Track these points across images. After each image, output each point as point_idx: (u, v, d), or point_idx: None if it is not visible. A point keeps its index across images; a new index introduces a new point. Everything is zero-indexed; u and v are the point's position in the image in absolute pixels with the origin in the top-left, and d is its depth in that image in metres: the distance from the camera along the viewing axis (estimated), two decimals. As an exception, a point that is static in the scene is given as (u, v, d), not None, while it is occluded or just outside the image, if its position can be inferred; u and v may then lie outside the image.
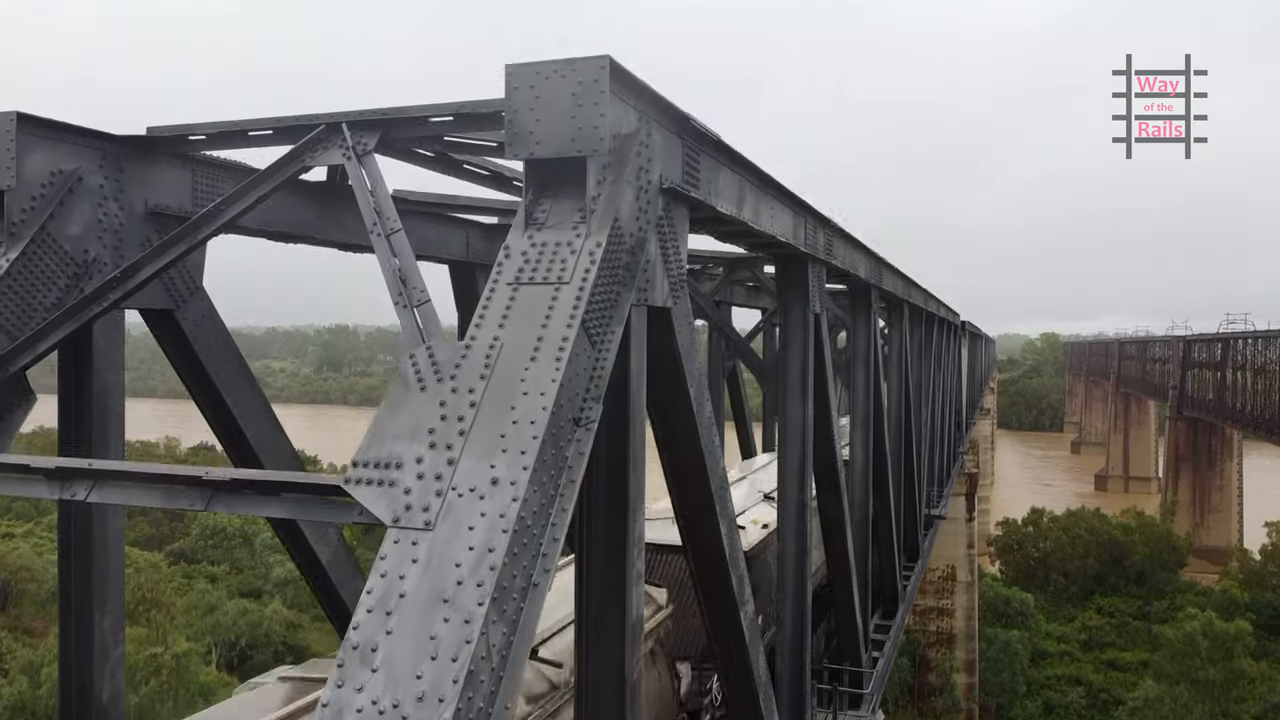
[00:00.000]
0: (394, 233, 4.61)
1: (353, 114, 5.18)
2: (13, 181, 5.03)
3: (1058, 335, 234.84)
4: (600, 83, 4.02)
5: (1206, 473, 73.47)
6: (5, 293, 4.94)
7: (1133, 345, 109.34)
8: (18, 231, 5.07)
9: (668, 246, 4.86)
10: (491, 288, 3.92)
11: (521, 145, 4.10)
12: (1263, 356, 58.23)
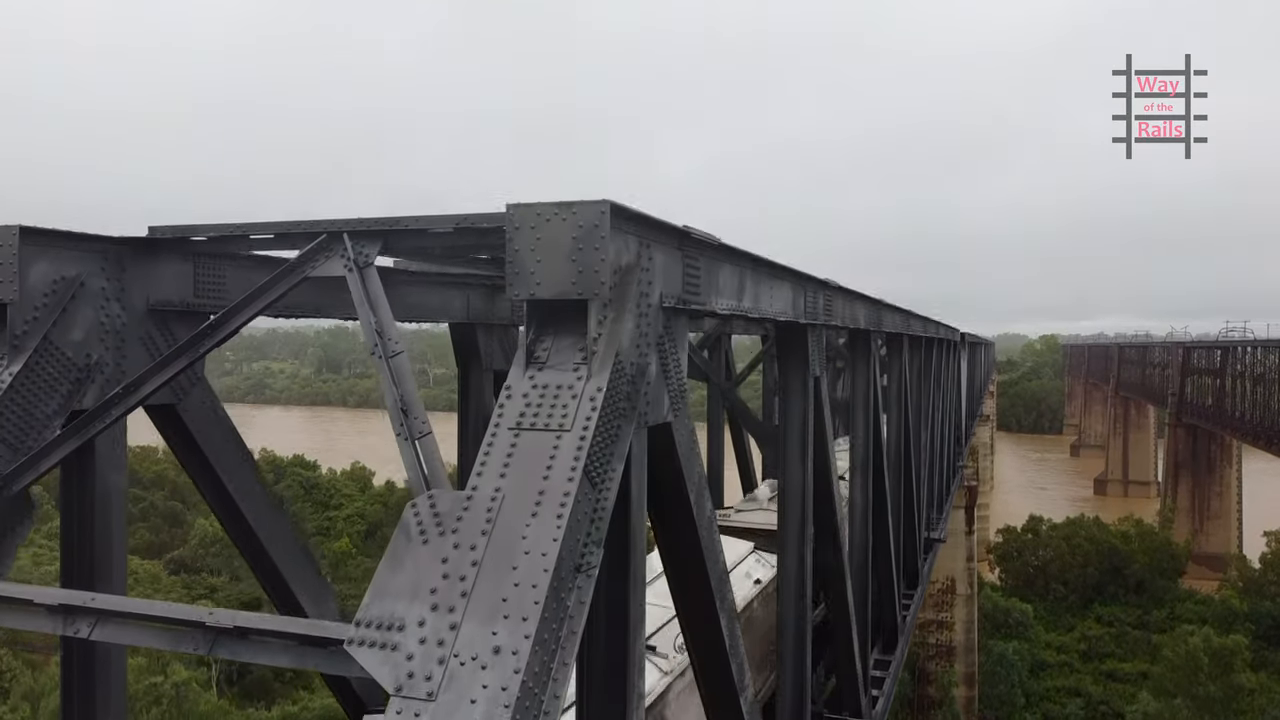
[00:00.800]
0: (395, 355, 4.62)
1: (354, 222, 5.19)
2: (16, 295, 5.04)
3: (1057, 337, 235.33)
4: (600, 227, 4.04)
5: (1206, 479, 73.52)
6: (9, 406, 4.96)
7: (1132, 349, 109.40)
8: (20, 343, 5.09)
9: (668, 362, 4.88)
10: (493, 432, 3.94)
11: (522, 286, 4.12)
12: (1262, 365, 58.26)
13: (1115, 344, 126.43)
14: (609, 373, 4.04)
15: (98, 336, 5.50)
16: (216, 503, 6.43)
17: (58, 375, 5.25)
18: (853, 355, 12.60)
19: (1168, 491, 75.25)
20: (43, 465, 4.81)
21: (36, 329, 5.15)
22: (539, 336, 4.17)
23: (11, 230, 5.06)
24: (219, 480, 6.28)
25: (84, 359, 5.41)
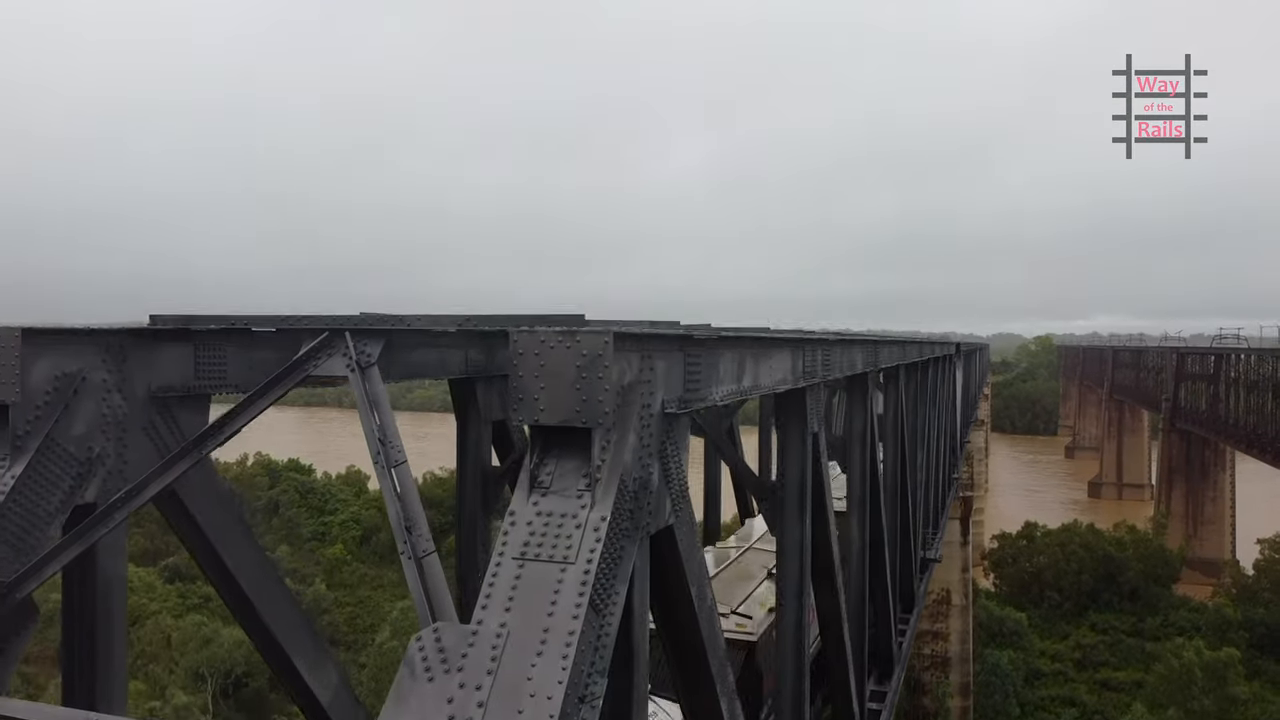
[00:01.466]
0: (399, 465, 4.64)
1: (356, 319, 5.21)
2: (18, 396, 5.05)
3: (1051, 338, 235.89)
4: (604, 356, 4.05)
5: (1200, 484, 73.72)
6: (11, 508, 4.96)
7: (1127, 352, 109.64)
8: (23, 443, 5.09)
9: (670, 466, 4.90)
10: (498, 561, 3.95)
11: (527, 411, 4.14)
12: (1255, 372, 58.42)
13: (1110, 346, 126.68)
14: (613, 498, 4.06)
15: (99, 429, 5.50)
16: (215, 576, 6.43)
17: (60, 472, 5.25)
18: (849, 397, 12.62)
19: (1161, 497, 75.49)
20: (46, 571, 4.81)
21: (39, 428, 5.16)
22: (543, 460, 4.19)
23: (14, 332, 5.06)
24: (217, 555, 6.28)
25: (86, 453, 5.42)
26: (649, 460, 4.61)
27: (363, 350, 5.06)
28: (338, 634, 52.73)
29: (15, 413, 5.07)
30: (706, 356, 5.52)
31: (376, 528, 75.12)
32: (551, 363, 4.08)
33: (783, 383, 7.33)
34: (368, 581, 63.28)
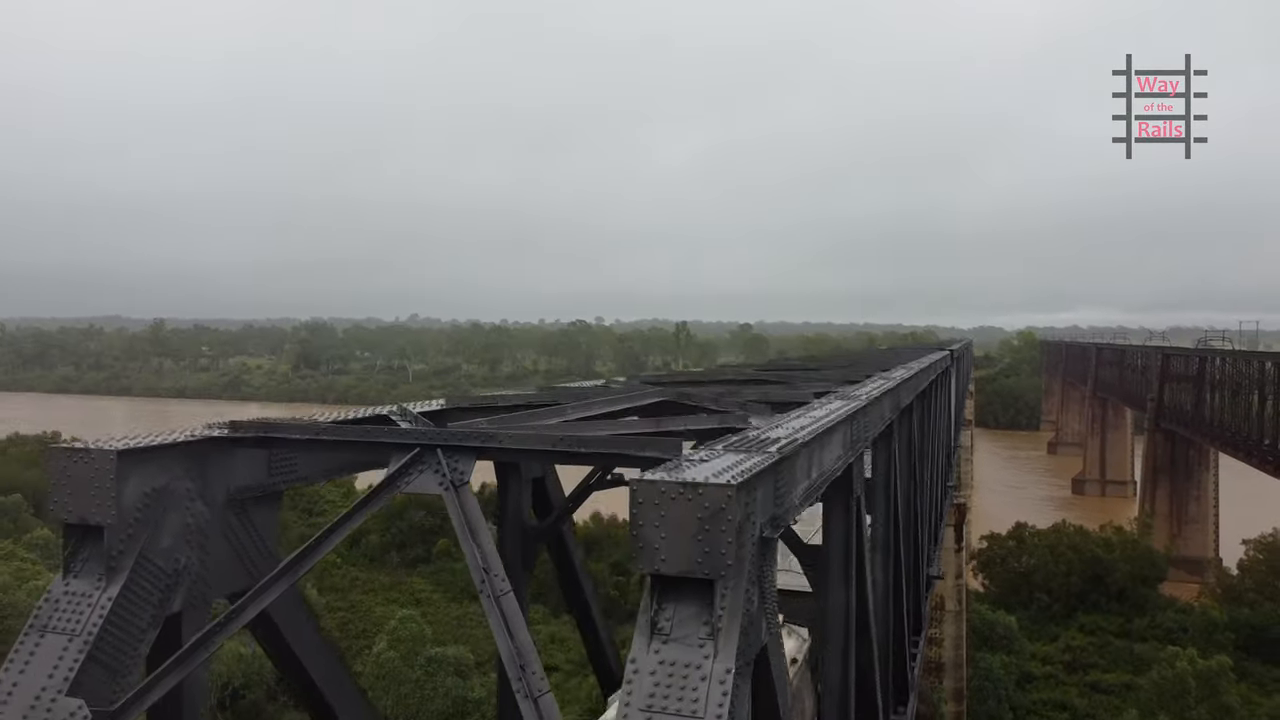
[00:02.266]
0: (503, 595, 4.67)
1: (446, 434, 5.23)
2: (113, 518, 5.06)
3: (1034, 334, 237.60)
4: (727, 510, 4.10)
5: (1184, 484, 74.50)
6: (109, 631, 4.96)
7: (1110, 350, 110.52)
8: (117, 564, 5.09)
9: (765, 587, 4.95)
10: (624, 714, 4.00)
11: (647, 561, 4.18)
12: (1241, 375, 59.07)
13: (1093, 344, 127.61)
14: (735, 645, 4.12)
15: (184, 539, 5.51)
16: (300, 686, 6.44)
17: (151, 587, 5.26)
18: (874, 447, 12.72)
19: (1146, 496, 76.21)
20: (148, 699, 4.83)
21: (131, 546, 5.16)
22: (661, 606, 4.23)
23: (109, 454, 5.07)
24: (304, 670, 6.31)
25: (173, 564, 5.43)
26: (751, 589, 4.67)
27: (455, 468, 5.09)
28: (329, 640, 52.68)
29: (110, 534, 5.07)
30: (787, 471, 5.57)
31: (365, 530, 75.00)
32: (673, 514, 4.12)
33: (840, 460, 7.41)
34: (359, 585, 63.17)
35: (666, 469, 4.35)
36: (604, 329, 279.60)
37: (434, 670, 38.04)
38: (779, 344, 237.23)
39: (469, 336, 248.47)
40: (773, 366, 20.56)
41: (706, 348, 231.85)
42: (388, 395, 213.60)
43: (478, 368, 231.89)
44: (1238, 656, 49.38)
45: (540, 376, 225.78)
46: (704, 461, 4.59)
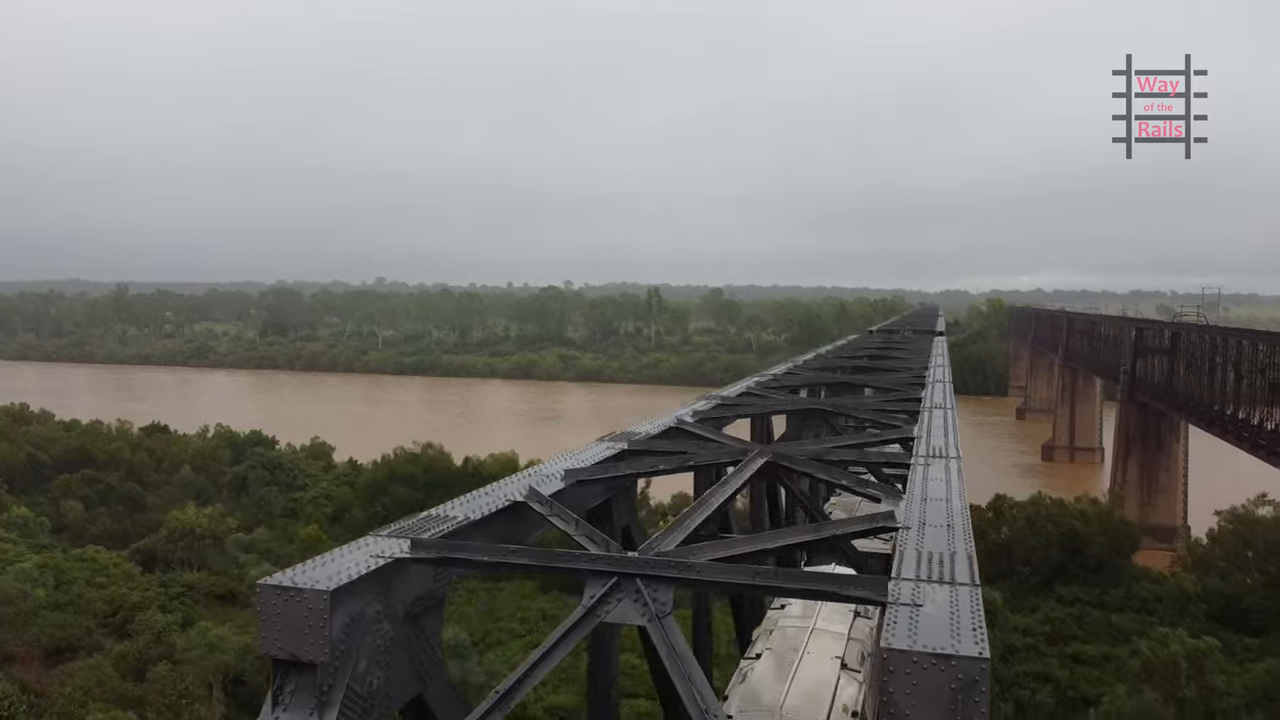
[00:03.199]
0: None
1: (643, 563, 5.35)
2: (326, 655, 5.13)
3: (1002, 300, 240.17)
4: (980, 681, 4.27)
5: (1154, 454, 76.19)
6: (327, 766, 5.06)
7: (1081, 320, 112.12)
8: (328, 698, 5.17)
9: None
10: None
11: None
12: (1211, 350, 60.32)
13: (1064, 313, 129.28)
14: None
15: (375, 660, 5.61)
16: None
17: (353, 713, 5.36)
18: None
19: (1118, 466, 77.84)
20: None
21: (340, 679, 5.25)
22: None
23: (323, 595, 5.13)
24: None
25: (368, 688, 5.53)
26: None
27: (656, 598, 5.21)
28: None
29: (322, 671, 5.15)
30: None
31: (348, 504, 74.68)
32: (924, 684, 4.28)
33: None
34: (344, 561, 63.02)
35: (909, 632, 4.49)
36: (575, 294, 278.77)
37: (434, 654, 38.31)
38: (750, 309, 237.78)
39: (439, 302, 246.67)
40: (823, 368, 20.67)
41: (678, 313, 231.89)
42: (358, 361, 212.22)
43: (448, 334, 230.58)
44: (1211, 626, 51.02)
45: (512, 342, 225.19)
46: (929, 615, 4.73)
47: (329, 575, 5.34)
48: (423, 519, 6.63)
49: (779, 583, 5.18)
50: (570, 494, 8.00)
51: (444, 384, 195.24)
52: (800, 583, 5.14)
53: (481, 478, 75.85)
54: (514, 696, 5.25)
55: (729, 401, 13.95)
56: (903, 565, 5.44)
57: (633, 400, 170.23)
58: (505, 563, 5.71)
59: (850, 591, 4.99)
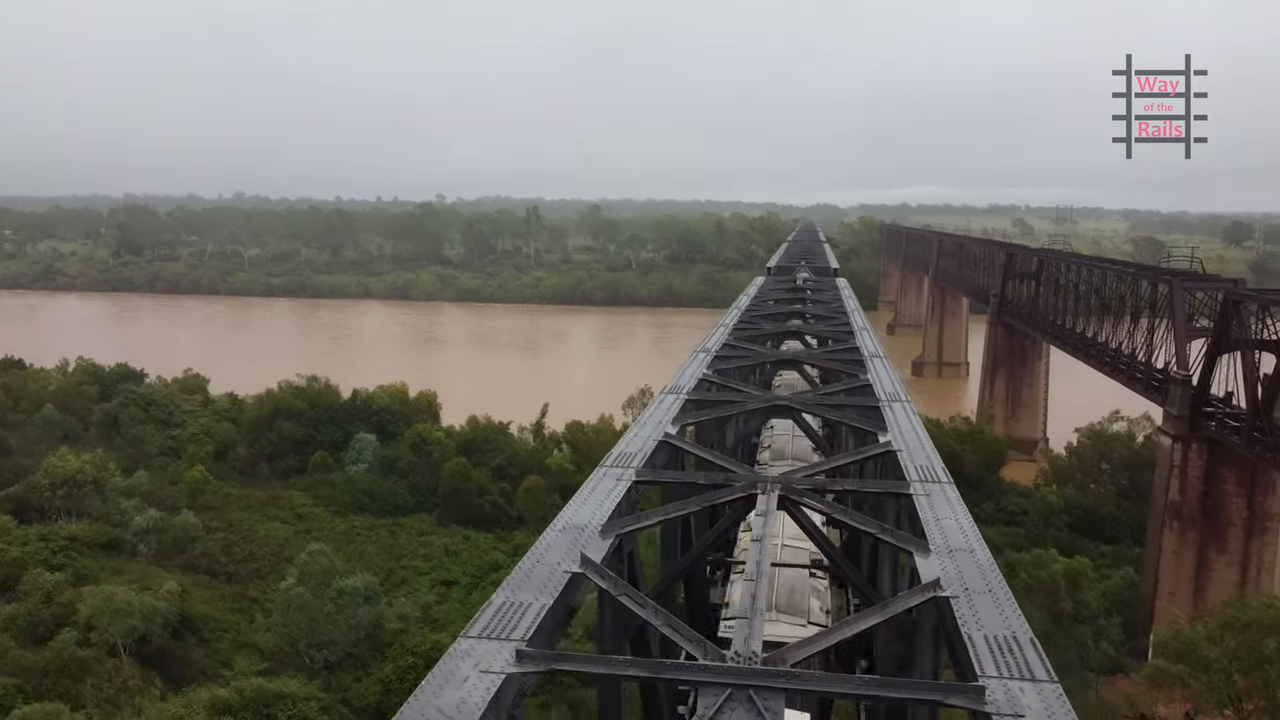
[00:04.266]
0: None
1: (752, 672, 5.72)
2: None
3: (873, 218, 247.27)
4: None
5: (1019, 372, 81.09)
6: None
7: (951, 242, 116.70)
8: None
9: None
10: None
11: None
12: (1075, 279, 64.08)
13: (935, 234, 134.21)
14: None
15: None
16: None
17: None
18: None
19: (986, 384, 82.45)
20: None
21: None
22: None
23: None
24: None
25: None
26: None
27: (768, 707, 5.62)
28: (215, 565, 51.44)
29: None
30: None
31: (231, 441, 72.28)
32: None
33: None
34: (234, 503, 61.41)
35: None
36: (450, 211, 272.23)
37: (345, 603, 38.23)
38: (629, 226, 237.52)
39: (307, 220, 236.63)
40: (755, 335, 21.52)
41: (557, 231, 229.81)
42: (223, 283, 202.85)
43: (318, 253, 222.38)
44: (1071, 535, 55.55)
45: (387, 261, 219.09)
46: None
47: (455, 707, 5.50)
48: (501, 610, 6.80)
49: (884, 691, 5.66)
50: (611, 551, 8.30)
51: (317, 306, 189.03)
52: (904, 691, 5.64)
53: (371, 410, 74.59)
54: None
55: (695, 399, 14.47)
56: (980, 657, 6.00)
57: (514, 321, 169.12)
58: (615, 674, 6.00)
59: (953, 700, 5.51)
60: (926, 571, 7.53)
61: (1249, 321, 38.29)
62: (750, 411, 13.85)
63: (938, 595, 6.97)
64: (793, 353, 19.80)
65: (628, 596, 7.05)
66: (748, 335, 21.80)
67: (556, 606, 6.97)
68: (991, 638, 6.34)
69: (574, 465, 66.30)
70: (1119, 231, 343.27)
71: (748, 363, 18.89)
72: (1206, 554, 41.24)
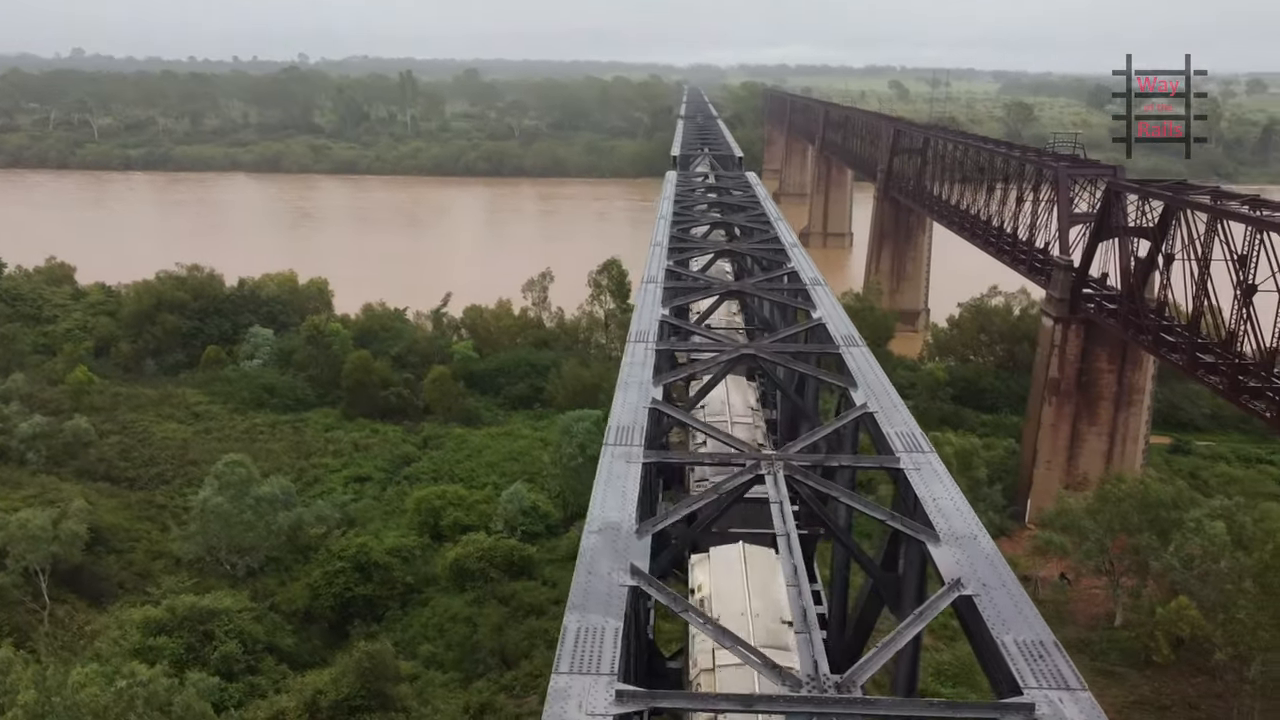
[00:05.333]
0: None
1: (833, 701, 6.46)
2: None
3: (756, 83, 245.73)
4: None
5: (904, 245, 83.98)
6: None
7: (838, 112, 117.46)
8: None
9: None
10: None
11: None
12: (961, 156, 66.06)
13: (821, 104, 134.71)
14: None
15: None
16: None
17: None
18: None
19: (873, 258, 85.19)
20: None
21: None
22: None
23: None
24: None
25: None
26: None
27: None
28: (114, 471, 49.97)
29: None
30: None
31: (112, 337, 68.87)
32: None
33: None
34: (123, 403, 59.26)
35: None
36: (318, 74, 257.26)
37: (264, 510, 38.17)
38: (509, 91, 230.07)
39: (162, 84, 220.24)
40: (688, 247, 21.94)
41: (434, 97, 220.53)
42: (72, 156, 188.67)
43: (177, 121, 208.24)
44: (956, 406, 59.24)
45: (252, 130, 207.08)
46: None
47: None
48: (580, 637, 7.32)
49: (949, 714, 6.51)
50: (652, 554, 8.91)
51: (180, 180, 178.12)
52: (968, 713, 6.52)
53: (260, 301, 72.15)
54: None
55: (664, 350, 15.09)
56: (1018, 668, 6.88)
57: (395, 195, 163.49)
58: (710, 710, 6.66)
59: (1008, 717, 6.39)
60: (943, 564, 8.37)
61: (1127, 210, 40.62)
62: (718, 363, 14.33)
63: (961, 594, 7.85)
64: (738, 285, 20.63)
65: (692, 613, 7.70)
66: (683, 255, 22.40)
67: (626, 630, 7.55)
68: (1022, 643, 7.21)
69: (477, 353, 66.41)
70: (990, 94, 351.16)
71: (698, 298, 19.54)
72: (1080, 425, 44.79)
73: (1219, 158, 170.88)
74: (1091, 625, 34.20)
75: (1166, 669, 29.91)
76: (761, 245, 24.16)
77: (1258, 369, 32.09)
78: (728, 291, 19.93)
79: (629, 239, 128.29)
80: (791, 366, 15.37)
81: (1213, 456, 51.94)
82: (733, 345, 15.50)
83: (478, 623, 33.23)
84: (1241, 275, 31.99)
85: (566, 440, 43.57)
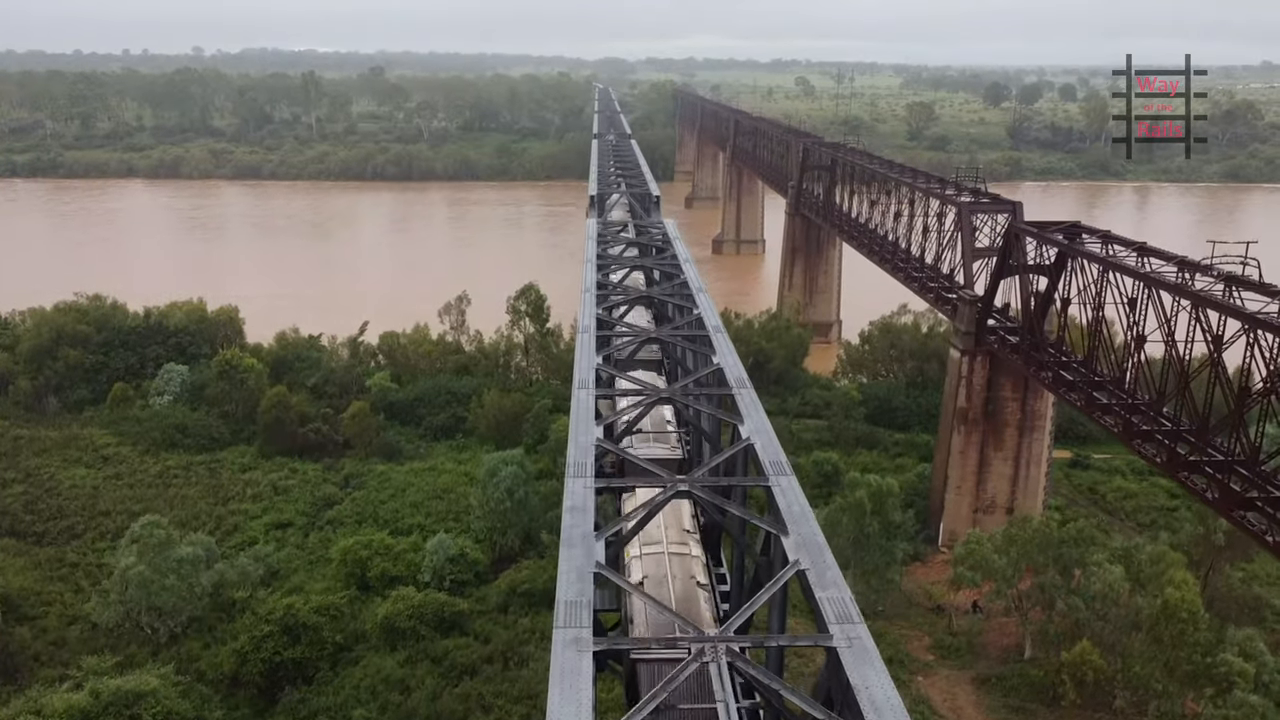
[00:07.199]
0: None
1: None
2: None
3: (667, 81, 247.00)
4: None
5: (815, 258, 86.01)
6: None
7: (748, 121, 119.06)
8: None
9: None
10: None
11: None
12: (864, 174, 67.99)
13: (731, 112, 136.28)
14: None
15: None
16: None
17: None
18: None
19: (786, 272, 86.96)
20: None
21: None
22: None
23: None
24: None
25: None
26: None
27: None
28: (19, 525, 48.15)
29: None
30: None
31: (10, 374, 65.44)
32: None
33: None
34: (26, 446, 57.05)
35: None
36: (215, 73, 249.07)
37: (185, 572, 37.50)
38: (416, 89, 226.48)
39: (48, 84, 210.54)
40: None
41: (339, 98, 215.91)
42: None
43: (66, 124, 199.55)
44: (869, 425, 61.05)
45: (148, 134, 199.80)
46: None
47: None
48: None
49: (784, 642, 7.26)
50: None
51: (70, 188, 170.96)
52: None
53: (168, 331, 69.89)
54: None
55: (601, 395, 19.22)
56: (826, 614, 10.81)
57: (301, 202, 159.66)
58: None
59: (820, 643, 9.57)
60: (791, 550, 12.46)
61: (1026, 249, 42.61)
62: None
63: (800, 569, 11.92)
64: (656, 332, 23.66)
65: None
66: (609, 302, 26.04)
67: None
68: (830, 599, 11.21)
69: (396, 382, 65.77)
70: (893, 88, 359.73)
71: (627, 346, 22.97)
72: (987, 451, 46.88)
73: (1107, 156, 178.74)
74: (1003, 658, 35.95)
75: (1073, 709, 31.69)
76: (672, 291, 27.32)
77: (1148, 410, 34.21)
78: (649, 338, 23.05)
79: (542, 246, 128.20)
80: (696, 407, 19.27)
81: (1110, 470, 54.80)
82: (654, 390, 19.45)
83: (411, 685, 33.29)
84: (1132, 318, 34.01)
85: (491, 484, 43.70)
